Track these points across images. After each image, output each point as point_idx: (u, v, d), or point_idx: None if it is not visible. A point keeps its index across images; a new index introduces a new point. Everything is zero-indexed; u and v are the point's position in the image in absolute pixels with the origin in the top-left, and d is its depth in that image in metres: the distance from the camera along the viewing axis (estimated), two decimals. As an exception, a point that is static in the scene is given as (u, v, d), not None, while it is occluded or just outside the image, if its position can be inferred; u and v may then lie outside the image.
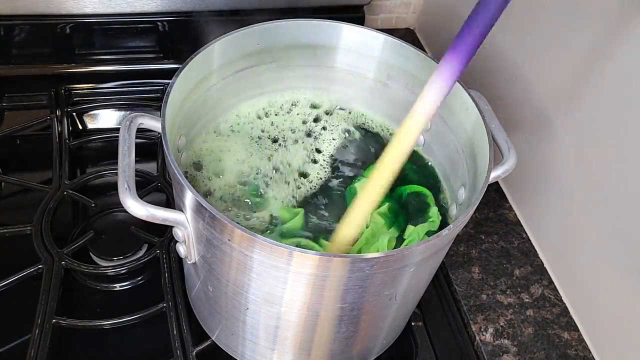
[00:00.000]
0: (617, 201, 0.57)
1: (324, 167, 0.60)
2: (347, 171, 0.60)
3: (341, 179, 0.59)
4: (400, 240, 0.53)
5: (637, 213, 0.54)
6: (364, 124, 0.64)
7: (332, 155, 0.61)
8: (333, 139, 0.62)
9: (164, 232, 0.66)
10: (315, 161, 0.60)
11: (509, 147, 0.52)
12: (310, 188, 0.58)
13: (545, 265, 0.68)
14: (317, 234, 0.53)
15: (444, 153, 0.60)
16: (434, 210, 0.55)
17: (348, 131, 0.63)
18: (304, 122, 0.63)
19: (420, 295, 0.58)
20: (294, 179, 0.58)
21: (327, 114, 0.64)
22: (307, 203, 0.56)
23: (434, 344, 0.62)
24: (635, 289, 0.55)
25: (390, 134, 0.63)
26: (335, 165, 0.60)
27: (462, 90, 0.54)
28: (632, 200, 0.54)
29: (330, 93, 0.65)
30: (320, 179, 0.59)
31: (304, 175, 0.59)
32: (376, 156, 0.55)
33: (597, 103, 0.58)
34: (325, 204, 0.57)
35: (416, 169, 0.59)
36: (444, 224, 0.56)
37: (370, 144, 0.62)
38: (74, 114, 0.79)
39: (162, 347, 0.58)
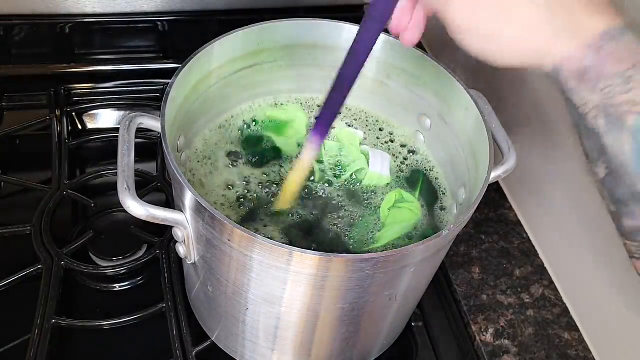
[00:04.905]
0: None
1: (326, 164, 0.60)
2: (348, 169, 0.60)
3: (340, 174, 0.59)
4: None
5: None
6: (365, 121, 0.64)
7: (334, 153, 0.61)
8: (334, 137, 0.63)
9: (163, 232, 0.66)
10: (320, 161, 0.60)
11: (509, 147, 0.52)
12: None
13: (546, 266, 0.68)
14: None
15: (445, 153, 0.60)
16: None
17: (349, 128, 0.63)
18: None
19: (420, 295, 0.58)
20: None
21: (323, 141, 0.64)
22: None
23: (434, 344, 0.62)
24: (636, 289, 0.55)
25: (390, 132, 0.64)
26: (336, 162, 0.60)
27: (463, 90, 0.54)
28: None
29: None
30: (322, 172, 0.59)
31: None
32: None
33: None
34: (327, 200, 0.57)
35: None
36: (443, 224, 0.56)
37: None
38: (74, 113, 0.79)
39: (162, 347, 0.58)
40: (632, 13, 0.52)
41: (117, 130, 0.48)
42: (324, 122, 0.49)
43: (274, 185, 0.57)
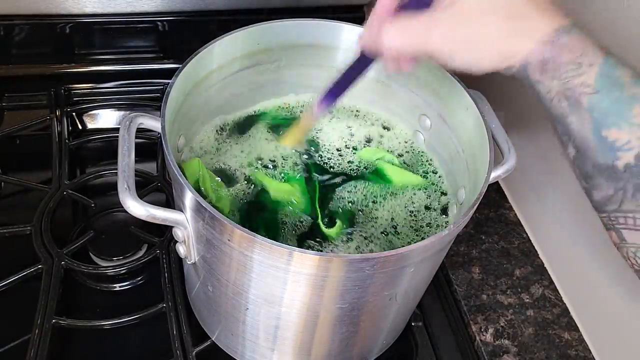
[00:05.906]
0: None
1: (327, 161, 0.60)
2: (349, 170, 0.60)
3: (342, 175, 0.59)
4: None
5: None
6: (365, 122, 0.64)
7: (334, 152, 0.61)
8: (334, 136, 0.63)
9: (163, 232, 0.66)
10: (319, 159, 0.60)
11: (509, 147, 0.52)
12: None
13: (546, 266, 0.68)
14: None
15: (445, 153, 0.60)
16: None
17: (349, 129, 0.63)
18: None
19: (420, 295, 0.58)
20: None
21: (328, 112, 0.64)
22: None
23: (434, 344, 0.62)
24: (635, 289, 0.55)
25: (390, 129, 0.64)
26: (337, 161, 0.60)
27: (462, 90, 0.54)
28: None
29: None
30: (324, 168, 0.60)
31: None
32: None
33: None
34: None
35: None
36: (443, 224, 0.56)
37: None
38: (74, 113, 0.79)
39: (162, 347, 0.58)
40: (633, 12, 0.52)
41: (117, 130, 0.48)
42: (332, 94, 0.51)
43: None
